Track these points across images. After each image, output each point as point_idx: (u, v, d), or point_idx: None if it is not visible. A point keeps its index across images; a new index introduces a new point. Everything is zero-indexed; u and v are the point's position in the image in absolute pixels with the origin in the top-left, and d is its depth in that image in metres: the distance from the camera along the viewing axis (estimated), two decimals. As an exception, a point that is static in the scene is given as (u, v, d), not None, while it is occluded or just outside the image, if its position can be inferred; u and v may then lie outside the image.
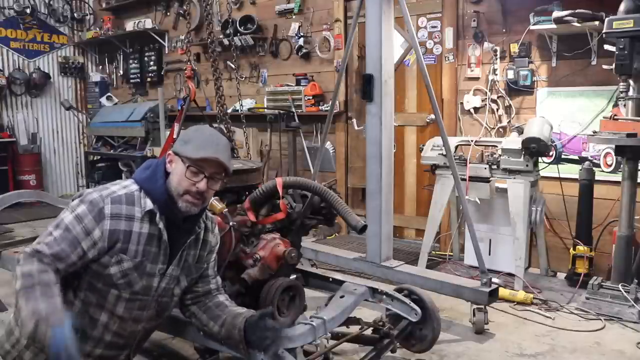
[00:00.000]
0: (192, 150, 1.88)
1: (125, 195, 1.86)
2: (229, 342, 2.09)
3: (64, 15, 8.40)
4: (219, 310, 2.10)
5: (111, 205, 1.82)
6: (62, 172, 8.58)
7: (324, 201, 2.69)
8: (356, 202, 5.74)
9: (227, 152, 1.94)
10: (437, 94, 4.69)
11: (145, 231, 1.88)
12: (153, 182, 1.90)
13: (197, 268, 2.10)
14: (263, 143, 6.27)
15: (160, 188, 1.89)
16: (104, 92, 8.36)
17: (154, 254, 1.91)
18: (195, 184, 1.87)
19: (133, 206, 1.86)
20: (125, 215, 1.84)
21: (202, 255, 2.10)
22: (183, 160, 1.88)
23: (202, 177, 1.88)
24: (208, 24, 4.43)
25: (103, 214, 1.81)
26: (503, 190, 4.10)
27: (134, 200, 1.87)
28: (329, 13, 5.75)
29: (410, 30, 3.61)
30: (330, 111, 4.18)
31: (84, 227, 1.80)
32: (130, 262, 1.87)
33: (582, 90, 4.17)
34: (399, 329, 2.72)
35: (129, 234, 1.85)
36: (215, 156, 1.88)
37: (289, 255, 2.51)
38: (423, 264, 4.30)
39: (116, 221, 1.83)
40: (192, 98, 5.23)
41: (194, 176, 1.87)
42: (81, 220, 1.80)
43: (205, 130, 2.01)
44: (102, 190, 1.87)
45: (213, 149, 1.89)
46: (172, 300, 2.07)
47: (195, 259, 2.07)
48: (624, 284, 3.54)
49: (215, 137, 1.95)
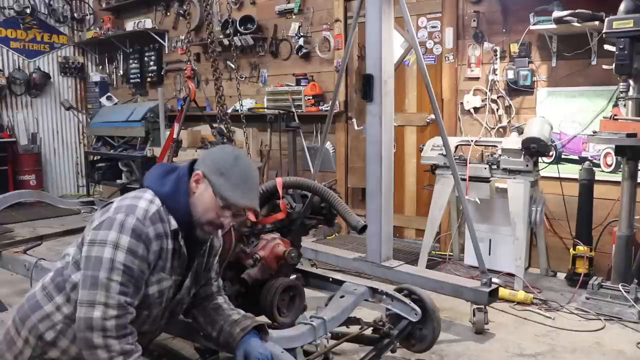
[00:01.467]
0: (231, 190, 1.79)
1: (157, 212, 1.79)
2: (226, 349, 2.09)
3: (64, 15, 8.41)
4: (216, 315, 2.09)
5: (152, 227, 1.76)
6: (62, 172, 8.59)
7: (324, 201, 2.69)
8: (356, 202, 5.74)
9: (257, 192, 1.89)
10: (437, 94, 4.70)
11: (171, 247, 1.84)
12: (176, 200, 1.82)
13: (204, 275, 2.10)
14: (263, 143, 6.27)
15: (184, 208, 1.82)
16: (104, 92, 8.36)
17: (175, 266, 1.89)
18: (221, 218, 1.82)
19: (163, 223, 1.80)
20: (163, 233, 1.79)
21: (209, 261, 2.10)
22: (216, 194, 1.80)
23: (230, 213, 1.83)
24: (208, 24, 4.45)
25: (149, 238, 1.74)
26: (503, 190, 4.10)
27: (162, 216, 1.80)
28: (329, 13, 5.75)
29: (410, 30, 3.61)
30: (330, 111, 4.18)
31: (141, 257, 1.73)
32: (170, 280, 1.86)
33: (582, 90, 4.17)
34: (399, 329, 2.72)
35: (166, 252, 1.82)
36: (250, 205, 1.84)
37: (289, 255, 2.51)
38: (423, 264, 4.30)
39: (158, 241, 1.78)
40: (192, 98, 5.23)
41: (223, 211, 1.82)
42: (135, 253, 1.71)
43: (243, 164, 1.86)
44: (131, 212, 1.75)
45: (248, 194, 1.82)
46: (182, 308, 2.07)
47: (203, 267, 2.07)
48: (624, 284, 3.53)
49: (252, 177, 1.86)
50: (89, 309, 1.67)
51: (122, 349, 1.69)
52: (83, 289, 1.71)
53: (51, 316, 1.82)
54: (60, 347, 1.82)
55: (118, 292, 1.69)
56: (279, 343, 2.14)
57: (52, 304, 1.83)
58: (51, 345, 1.81)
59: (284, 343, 2.18)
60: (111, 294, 1.68)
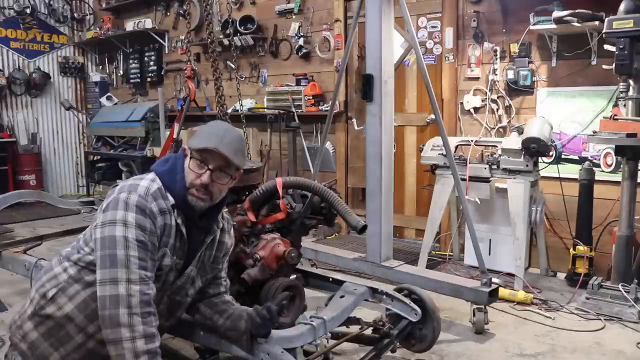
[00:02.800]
0: (197, 141, 1.87)
1: (158, 189, 1.85)
2: (231, 334, 2.10)
3: (64, 15, 8.41)
4: (226, 307, 2.12)
5: (155, 202, 1.82)
6: (62, 172, 8.59)
7: (324, 201, 2.69)
8: (356, 202, 5.74)
9: (233, 146, 1.88)
10: (437, 94, 4.70)
11: (174, 224, 1.88)
12: (172, 176, 1.89)
13: (212, 268, 2.11)
14: (263, 143, 6.27)
15: (179, 182, 1.88)
16: (104, 92, 8.35)
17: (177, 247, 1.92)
18: (200, 176, 1.86)
19: (165, 200, 1.85)
20: (166, 209, 1.85)
21: (218, 256, 2.11)
22: (190, 152, 1.88)
23: (206, 169, 1.86)
24: (208, 24, 4.44)
25: (153, 213, 1.80)
26: (503, 190, 4.10)
27: (163, 193, 1.86)
28: (329, 13, 5.75)
29: (410, 30, 3.61)
30: (330, 111, 4.18)
31: (150, 231, 1.78)
32: (170, 258, 1.88)
33: (582, 90, 4.17)
34: (399, 329, 2.72)
35: (169, 227, 1.86)
36: (214, 147, 1.84)
37: (289, 255, 2.52)
38: (423, 264, 4.30)
39: (162, 216, 1.83)
40: (192, 98, 5.24)
41: (198, 168, 1.86)
42: (144, 228, 1.77)
43: (217, 123, 1.98)
44: (133, 190, 1.81)
45: (216, 140, 1.85)
46: (184, 299, 2.07)
47: (211, 260, 2.08)
48: (624, 284, 3.53)
49: (223, 130, 1.91)
50: (113, 287, 1.71)
51: (145, 330, 1.71)
52: (103, 268, 1.74)
53: (58, 276, 1.89)
54: (58, 304, 1.85)
55: (138, 267, 1.74)
56: (279, 343, 2.15)
57: (61, 266, 1.91)
58: (50, 301, 1.86)
59: (284, 343, 2.18)
60: (132, 269, 1.73)
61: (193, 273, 2.01)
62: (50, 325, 1.86)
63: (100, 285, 1.73)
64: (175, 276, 1.96)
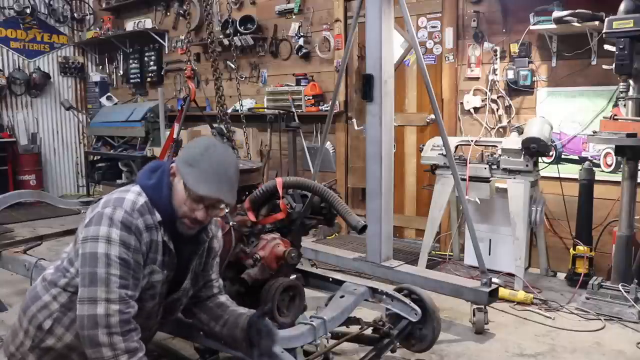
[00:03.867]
0: (194, 180, 1.75)
1: (145, 204, 1.79)
2: (230, 341, 2.09)
3: (64, 15, 8.41)
4: (221, 311, 2.10)
5: (141, 218, 1.75)
6: (62, 172, 8.58)
7: (324, 201, 2.69)
8: (356, 202, 5.74)
9: (231, 184, 1.81)
10: (437, 94, 4.70)
11: (161, 240, 1.83)
12: (158, 193, 1.81)
13: (203, 276, 2.09)
14: (263, 143, 6.27)
15: (165, 200, 1.80)
16: (104, 92, 8.35)
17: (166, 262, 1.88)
18: (194, 211, 1.79)
19: (151, 215, 1.79)
20: (152, 225, 1.79)
21: (207, 262, 2.09)
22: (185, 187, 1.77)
23: (202, 207, 1.79)
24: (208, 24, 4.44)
25: (139, 229, 1.74)
26: (503, 190, 4.10)
27: (150, 209, 1.80)
28: (329, 13, 5.74)
29: (410, 30, 3.62)
30: (330, 111, 4.18)
31: (135, 249, 1.72)
32: (161, 274, 1.85)
33: (582, 90, 4.17)
34: (399, 329, 2.72)
35: (156, 244, 1.81)
36: (216, 195, 1.76)
37: (289, 255, 2.51)
38: (423, 264, 4.30)
39: (148, 233, 1.78)
40: (192, 98, 5.23)
41: (193, 204, 1.78)
42: (128, 245, 1.71)
43: (213, 154, 1.80)
44: (118, 205, 1.74)
45: (216, 185, 1.76)
46: (178, 307, 2.06)
47: (201, 268, 2.07)
48: (624, 284, 3.53)
49: (222, 167, 1.79)
50: (91, 306, 1.67)
51: (126, 347, 1.69)
52: (82, 286, 1.70)
53: (49, 305, 1.84)
54: (56, 335, 1.83)
55: (118, 286, 1.69)
56: (279, 343, 2.14)
57: (49, 294, 1.86)
58: (48, 333, 1.83)
59: (284, 343, 2.18)
60: (111, 288, 1.68)
61: (187, 286, 1.99)
62: (54, 355, 1.84)
63: (79, 304, 1.70)
64: (168, 289, 1.92)
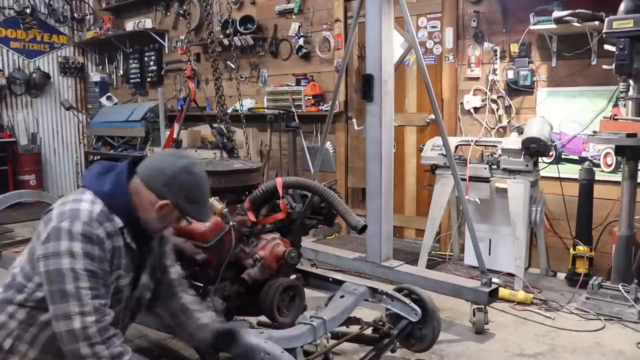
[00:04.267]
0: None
1: (102, 211, 1.77)
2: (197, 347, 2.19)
3: (64, 15, 8.40)
4: (185, 318, 2.12)
5: (101, 227, 1.74)
6: (62, 172, 8.58)
7: (324, 201, 2.69)
8: (356, 202, 5.74)
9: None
10: (437, 94, 4.69)
11: (123, 244, 1.82)
12: (117, 200, 1.80)
13: (160, 266, 2.09)
14: (263, 143, 6.27)
15: (126, 207, 1.81)
16: (104, 92, 8.35)
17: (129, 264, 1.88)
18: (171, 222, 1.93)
19: (110, 222, 1.78)
20: (113, 231, 1.78)
21: (164, 251, 2.11)
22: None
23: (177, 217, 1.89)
24: (208, 24, 4.45)
25: (100, 238, 1.73)
26: (503, 190, 4.10)
27: (108, 216, 1.78)
28: (329, 13, 5.74)
29: (410, 30, 3.62)
30: (330, 111, 4.18)
31: (99, 258, 1.71)
32: (127, 277, 1.85)
33: (582, 90, 4.17)
34: (399, 329, 2.72)
35: (119, 249, 1.81)
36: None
37: (289, 255, 2.52)
38: (423, 264, 4.29)
39: (110, 240, 1.77)
40: (192, 98, 5.24)
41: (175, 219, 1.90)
42: (92, 256, 1.69)
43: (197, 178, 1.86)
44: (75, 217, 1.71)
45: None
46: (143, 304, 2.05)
47: (158, 260, 2.07)
48: (624, 284, 3.53)
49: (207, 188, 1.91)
50: (67, 322, 1.66)
51: (110, 353, 1.69)
52: (53, 304, 1.68)
53: (6, 325, 1.79)
54: (20, 352, 1.79)
55: (91, 297, 1.67)
56: (279, 343, 2.15)
57: (4, 313, 1.80)
58: (9, 353, 1.79)
59: (284, 343, 2.18)
60: (84, 301, 1.66)
61: (146, 280, 1.99)
62: None
63: (55, 322, 1.68)
64: (131, 289, 1.92)
